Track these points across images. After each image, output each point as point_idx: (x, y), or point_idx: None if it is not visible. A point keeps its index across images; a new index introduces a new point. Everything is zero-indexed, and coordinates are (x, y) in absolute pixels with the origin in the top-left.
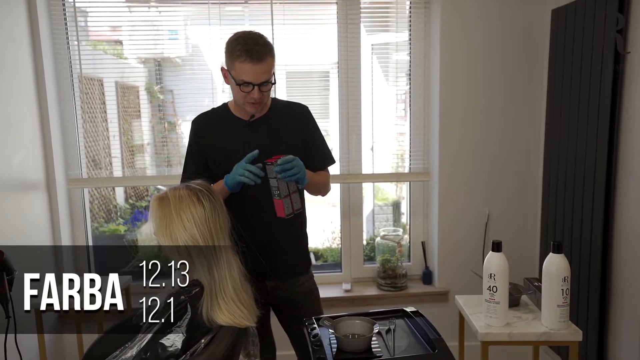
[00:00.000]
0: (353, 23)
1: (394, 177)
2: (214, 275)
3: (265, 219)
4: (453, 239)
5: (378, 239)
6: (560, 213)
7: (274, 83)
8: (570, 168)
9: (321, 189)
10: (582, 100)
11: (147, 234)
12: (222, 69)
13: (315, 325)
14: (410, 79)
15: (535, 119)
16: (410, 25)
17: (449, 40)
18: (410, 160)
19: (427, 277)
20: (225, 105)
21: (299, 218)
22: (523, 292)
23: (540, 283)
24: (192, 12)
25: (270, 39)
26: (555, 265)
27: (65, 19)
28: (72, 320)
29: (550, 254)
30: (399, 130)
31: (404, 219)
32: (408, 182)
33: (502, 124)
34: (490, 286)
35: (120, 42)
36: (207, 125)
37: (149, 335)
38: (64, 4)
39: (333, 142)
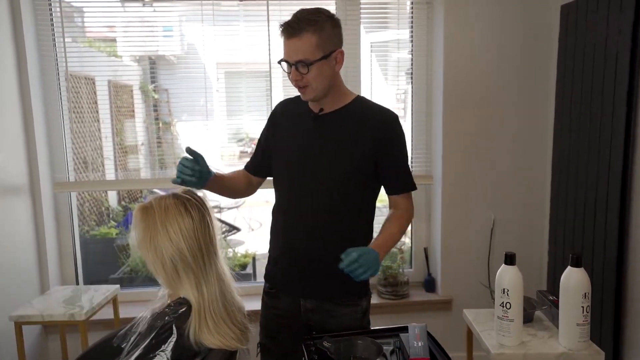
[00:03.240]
0: (353, 20)
1: None
2: (202, 293)
3: (318, 226)
4: (457, 245)
5: None
6: (571, 220)
7: (327, 60)
8: (582, 171)
9: (400, 235)
10: (595, 99)
11: (133, 243)
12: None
13: (313, 347)
14: (411, 78)
15: (543, 119)
16: (412, 23)
17: (453, 38)
18: (411, 163)
19: (429, 284)
20: None
21: (364, 237)
22: (537, 307)
23: (555, 297)
24: (186, 10)
25: (266, 39)
26: (575, 280)
27: (51, 14)
28: (55, 329)
29: (569, 267)
30: None
31: None
32: None
33: (509, 125)
34: (503, 302)
35: (113, 40)
36: (282, 110)
37: None
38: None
39: None
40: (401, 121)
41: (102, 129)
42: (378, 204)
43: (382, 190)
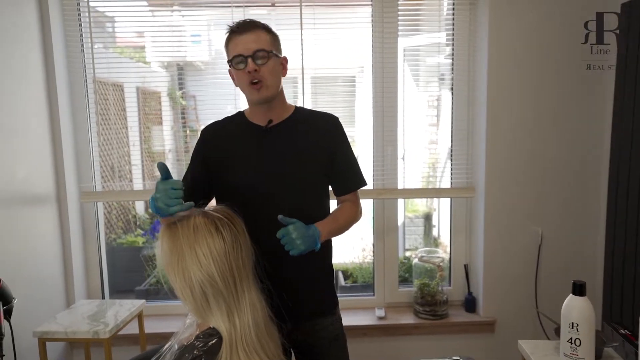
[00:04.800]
0: (390, 23)
1: (434, 193)
2: (234, 323)
3: (278, 246)
4: (500, 262)
5: (416, 261)
6: (632, 237)
7: (279, 59)
8: None
9: (347, 227)
10: None
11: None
12: (229, 71)
13: None
14: (451, 82)
15: (597, 125)
16: (453, 25)
17: (498, 40)
18: (451, 174)
19: (470, 304)
20: (240, 113)
21: (324, 246)
22: (608, 344)
23: (628, 331)
24: (215, 16)
25: (299, 44)
26: None
27: (79, 22)
28: (80, 345)
29: None
30: (430, 138)
31: (435, 231)
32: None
33: (559, 132)
34: (572, 339)
35: (143, 47)
36: (218, 133)
37: None
38: (78, 6)
39: (362, 151)
40: (433, 128)
41: (130, 135)
42: (409, 215)
43: (412, 201)
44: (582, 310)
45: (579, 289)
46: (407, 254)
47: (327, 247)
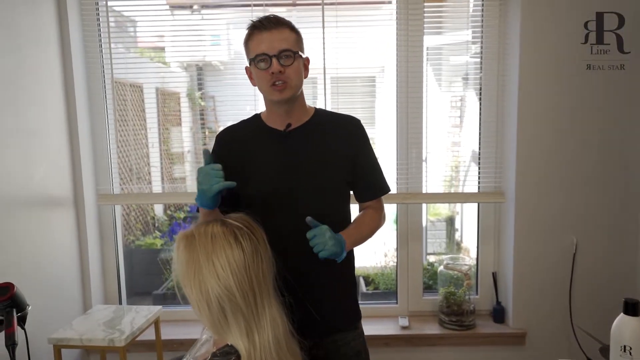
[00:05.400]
0: (416, 21)
1: (462, 198)
2: (253, 341)
3: (299, 256)
4: (532, 271)
5: (441, 268)
6: None
7: (302, 59)
8: None
9: (370, 236)
10: None
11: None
12: (246, 69)
13: None
14: (477, 83)
15: (637, 125)
16: (482, 23)
17: (531, 40)
18: (479, 178)
19: (498, 314)
20: (256, 116)
21: (347, 257)
22: None
23: None
24: (234, 16)
25: (320, 44)
26: None
27: (98, 23)
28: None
29: None
30: (453, 140)
31: (458, 235)
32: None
33: (594, 134)
34: None
35: (162, 49)
36: (234, 138)
37: None
38: (97, 6)
39: (382, 153)
40: (456, 130)
41: (149, 136)
42: (431, 218)
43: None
44: (636, 332)
45: (632, 308)
46: (430, 258)
47: (350, 258)
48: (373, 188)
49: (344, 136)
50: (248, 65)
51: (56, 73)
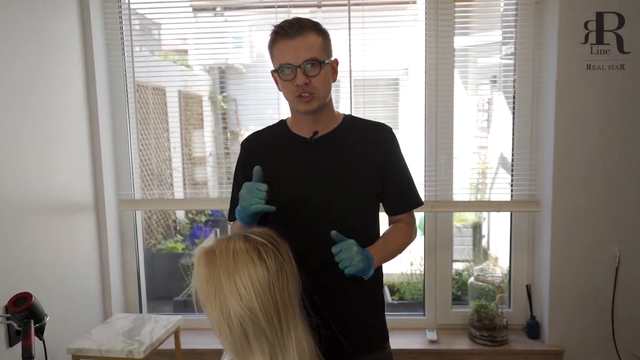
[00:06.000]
0: (446, 21)
1: (495, 206)
2: None
3: (324, 272)
4: (570, 284)
5: (471, 280)
6: None
7: (330, 64)
8: None
9: (399, 252)
10: None
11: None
12: (272, 73)
13: None
14: (507, 85)
15: None
16: (515, 24)
17: (570, 39)
18: (512, 186)
19: (532, 329)
20: (282, 122)
21: (374, 273)
22: None
23: None
24: (258, 18)
25: (346, 46)
26: None
27: (121, 27)
28: None
29: None
30: (480, 144)
31: (484, 242)
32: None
33: (637, 139)
34: None
35: (185, 51)
36: (258, 145)
37: None
38: (120, 9)
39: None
40: (483, 133)
41: (172, 139)
42: (457, 224)
43: None
44: None
45: None
46: (456, 266)
47: (377, 275)
48: (403, 200)
49: (373, 145)
50: (273, 71)
51: (78, 77)
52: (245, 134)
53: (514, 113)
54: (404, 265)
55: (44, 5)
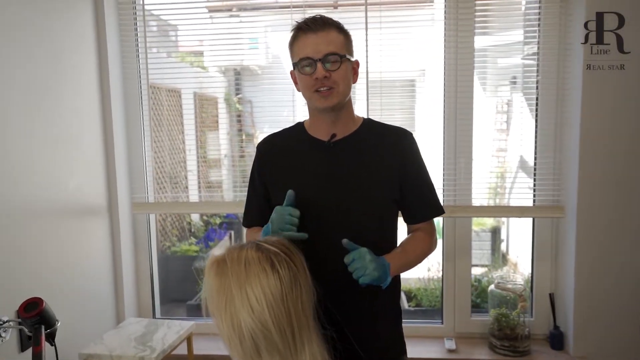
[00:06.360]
0: (466, 20)
1: (516, 212)
2: None
3: (338, 282)
4: (596, 293)
5: (492, 288)
6: None
7: (351, 63)
8: None
9: (418, 262)
10: None
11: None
12: (290, 73)
13: None
14: (536, 86)
15: None
16: (539, 23)
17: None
18: (534, 190)
19: (556, 339)
20: (299, 124)
21: (391, 284)
22: None
23: None
24: (273, 20)
25: (363, 47)
26: None
27: (135, 26)
28: None
29: None
30: (499, 146)
31: (503, 246)
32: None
33: None
34: None
35: (201, 53)
36: (274, 148)
37: None
38: (134, 10)
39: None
40: (502, 135)
41: (187, 141)
42: (475, 228)
43: None
44: None
45: None
46: (474, 271)
47: (395, 284)
48: (424, 208)
49: (390, 147)
50: (293, 69)
51: (92, 79)
52: (260, 135)
53: (536, 115)
54: (421, 270)
55: (58, 7)
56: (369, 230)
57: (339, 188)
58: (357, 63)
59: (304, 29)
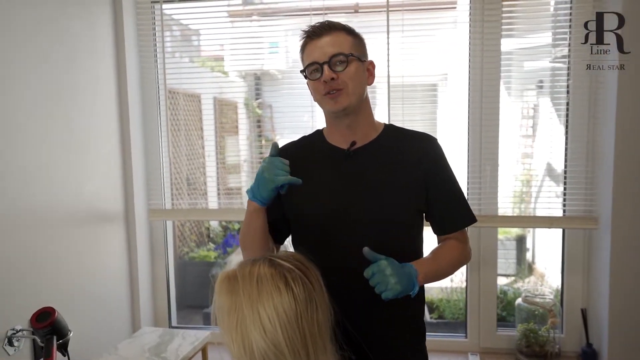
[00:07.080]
0: (492, 22)
1: (546, 222)
2: None
3: (359, 298)
4: (632, 309)
5: (519, 301)
6: None
7: (363, 63)
8: None
9: (451, 271)
10: None
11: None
12: (307, 83)
13: None
14: (567, 90)
15: None
16: (570, 24)
17: (636, 39)
18: (564, 200)
19: (589, 357)
20: (318, 132)
21: (418, 299)
22: None
23: None
24: (294, 24)
25: (384, 51)
26: None
27: (154, 31)
28: None
29: None
30: (525, 152)
31: (529, 256)
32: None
33: None
34: None
35: (221, 58)
36: (292, 156)
37: None
38: (153, 15)
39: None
40: (528, 141)
41: (206, 146)
42: (499, 237)
43: None
44: None
45: None
46: (499, 282)
47: (420, 301)
48: (454, 217)
49: (414, 155)
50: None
51: (110, 83)
52: (280, 140)
53: (567, 121)
54: (444, 280)
55: (76, 11)
56: (391, 243)
57: (360, 198)
58: (371, 64)
59: (310, 35)
